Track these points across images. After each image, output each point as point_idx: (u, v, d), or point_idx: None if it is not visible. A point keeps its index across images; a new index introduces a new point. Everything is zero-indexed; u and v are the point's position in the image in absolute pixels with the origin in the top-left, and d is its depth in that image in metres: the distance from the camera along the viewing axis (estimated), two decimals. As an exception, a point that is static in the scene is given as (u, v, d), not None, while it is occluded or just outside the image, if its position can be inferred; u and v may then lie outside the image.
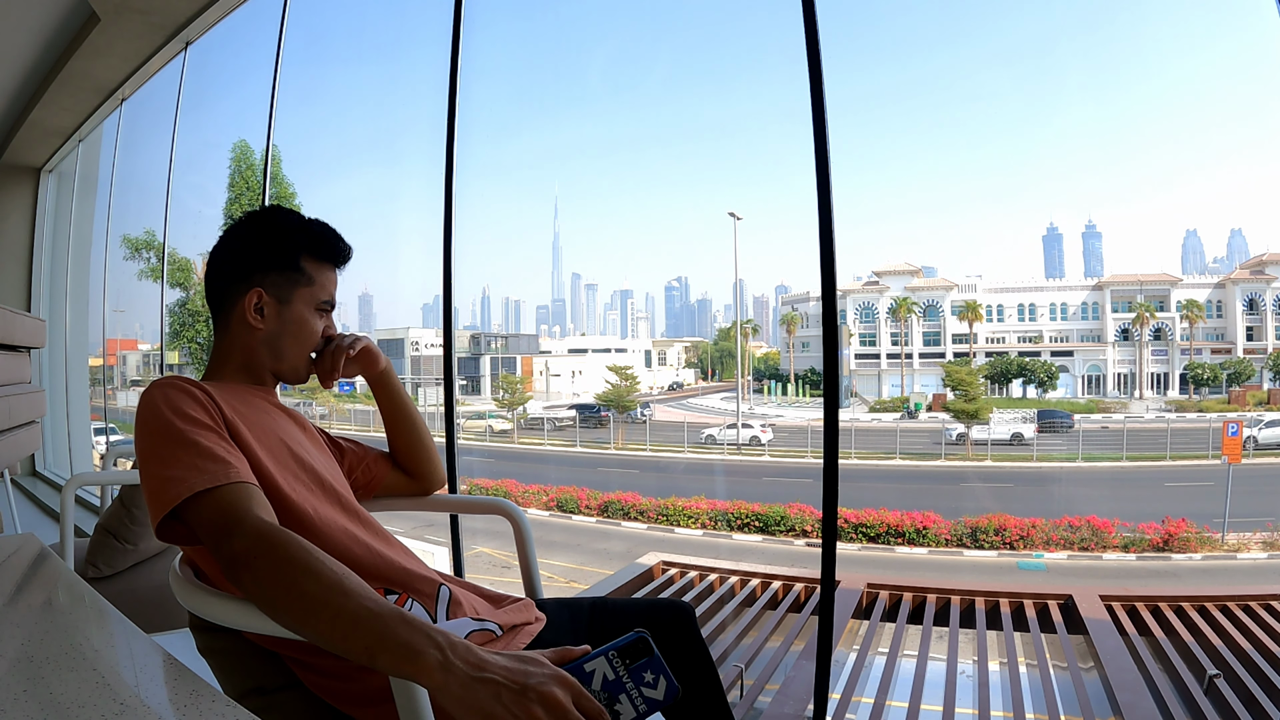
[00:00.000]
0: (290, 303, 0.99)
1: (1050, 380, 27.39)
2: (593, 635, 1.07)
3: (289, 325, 0.99)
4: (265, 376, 1.01)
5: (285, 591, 0.67)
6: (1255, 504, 14.43)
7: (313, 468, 0.96)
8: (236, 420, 0.88)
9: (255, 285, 0.97)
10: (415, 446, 1.22)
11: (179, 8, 3.60)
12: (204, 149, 18.81)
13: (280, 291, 0.99)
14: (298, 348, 1.01)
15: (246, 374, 1.00)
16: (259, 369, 1.00)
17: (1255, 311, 26.12)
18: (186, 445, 0.78)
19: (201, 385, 0.89)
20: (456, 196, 2.45)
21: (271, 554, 0.69)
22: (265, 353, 1.00)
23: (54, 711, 0.54)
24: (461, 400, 31.42)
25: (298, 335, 1.00)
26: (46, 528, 4.12)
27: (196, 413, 0.83)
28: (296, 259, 1.00)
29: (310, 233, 1.02)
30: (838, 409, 1.82)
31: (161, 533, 0.79)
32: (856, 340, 30.55)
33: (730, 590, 5.01)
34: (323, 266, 1.03)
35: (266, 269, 0.98)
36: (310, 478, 0.94)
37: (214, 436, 0.81)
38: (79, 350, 6.51)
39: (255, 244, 1.00)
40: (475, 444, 26.52)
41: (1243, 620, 3.90)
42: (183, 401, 0.83)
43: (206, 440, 0.80)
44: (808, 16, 1.80)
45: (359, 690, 0.84)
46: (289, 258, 0.99)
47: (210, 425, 0.83)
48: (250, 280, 0.98)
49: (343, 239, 1.05)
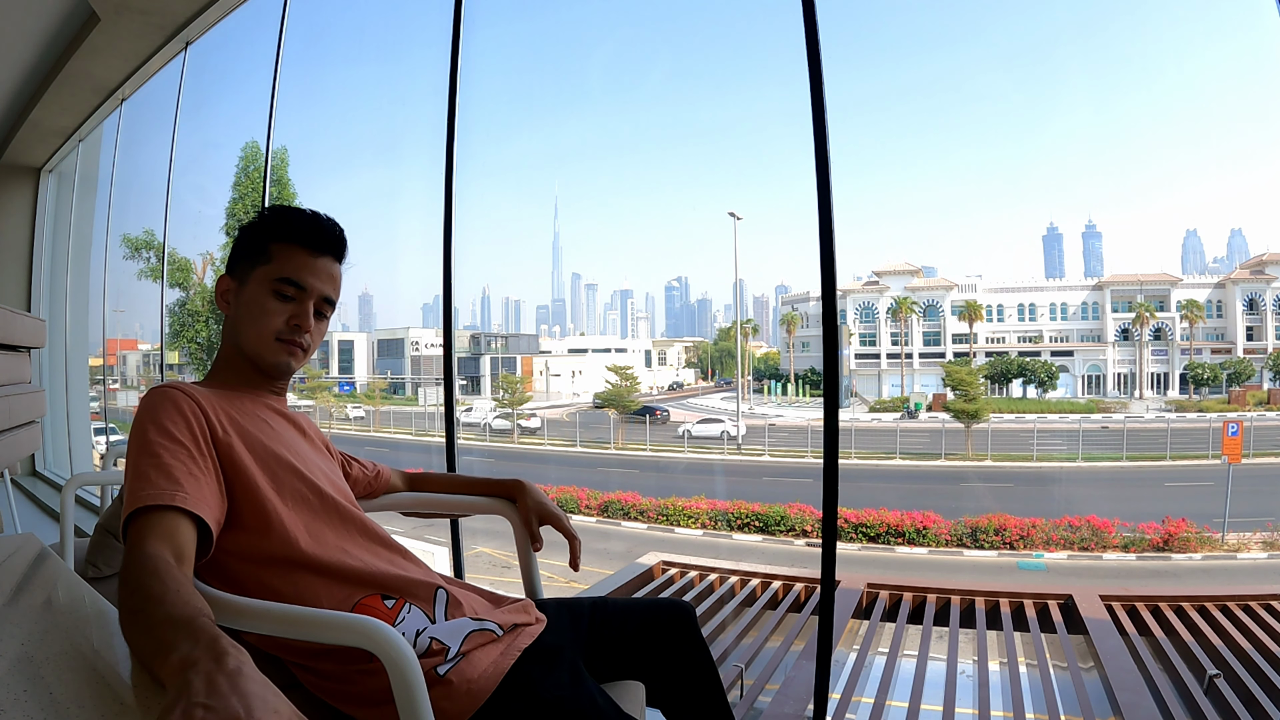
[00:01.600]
0: (247, 283, 0.97)
1: (1050, 380, 27.38)
2: (592, 636, 1.07)
3: (244, 306, 0.97)
4: (248, 372, 1.00)
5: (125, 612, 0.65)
6: (1255, 504, 14.43)
7: (312, 481, 0.95)
8: (230, 434, 0.88)
9: (226, 273, 1.00)
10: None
11: (179, 8, 3.60)
12: (204, 149, 18.83)
13: (243, 275, 0.98)
14: (253, 328, 0.97)
15: (233, 373, 1.00)
16: (238, 363, 1.00)
17: (1255, 311, 26.11)
18: (151, 459, 0.80)
19: (195, 395, 0.88)
20: (457, 196, 2.45)
21: (126, 579, 0.68)
22: (230, 340, 1.00)
23: (54, 711, 0.54)
24: (461, 400, 31.43)
25: (250, 313, 0.96)
26: (46, 528, 4.12)
27: (176, 427, 0.83)
28: (264, 243, 0.98)
29: (281, 216, 0.99)
30: (838, 409, 1.82)
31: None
32: (856, 340, 30.54)
33: (730, 590, 5.01)
34: (289, 248, 0.98)
35: (239, 258, 0.99)
36: (309, 490, 0.93)
37: (183, 454, 0.81)
38: (79, 350, 6.51)
39: (236, 244, 1.01)
40: (475, 444, 26.52)
41: (1243, 620, 3.90)
42: (167, 414, 0.84)
43: (170, 457, 0.80)
44: (808, 17, 1.80)
45: (358, 691, 0.84)
46: (259, 244, 0.98)
47: (183, 442, 0.83)
48: (230, 274, 1.00)
49: (323, 223, 1.00)
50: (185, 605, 0.63)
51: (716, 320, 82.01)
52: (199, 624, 0.60)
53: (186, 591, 0.66)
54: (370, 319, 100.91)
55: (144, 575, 0.67)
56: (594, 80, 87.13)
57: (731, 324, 43.61)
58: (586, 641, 1.05)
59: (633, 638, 1.08)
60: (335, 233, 1.01)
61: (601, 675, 1.04)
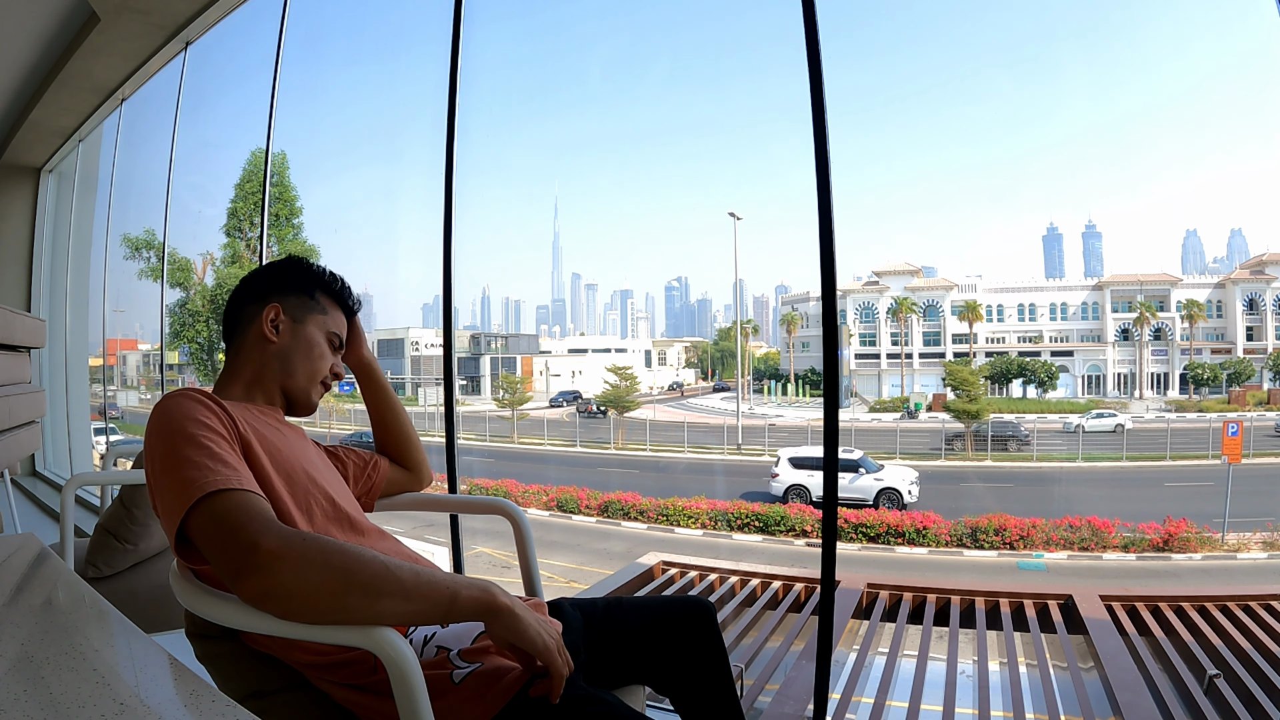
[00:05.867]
0: (304, 323, 1.04)
1: (1050, 380, 27.37)
2: (605, 636, 1.07)
3: (301, 342, 1.03)
4: (274, 394, 1.02)
5: (340, 582, 0.71)
6: (1255, 504, 14.42)
7: (325, 490, 0.96)
8: (251, 438, 0.89)
9: (273, 302, 1.02)
10: (403, 438, 1.26)
11: (179, 8, 3.60)
12: (204, 149, 18.87)
13: (296, 311, 1.04)
14: (307, 365, 1.03)
15: (256, 390, 1.01)
16: (268, 384, 1.01)
17: (1255, 311, 26.10)
18: (201, 449, 0.79)
19: (216, 398, 0.89)
20: (456, 196, 2.45)
21: (320, 550, 0.72)
22: (276, 366, 1.01)
23: (54, 711, 0.54)
24: (461, 400, 31.44)
25: (308, 354, 1.03)
26: (46, 528, 4.12)
27: (210, 420, 0.84)
28: (313, 291, 1.07)
29: (326, 277, 1.10)
30: (838, 409, 1.82)
31: (180, 547, 0.79)
32: (856, 340, 30.53)
33: (730, 590, 5.02)
34: (334, 306, 1.10)
35: (284, 292, 1.04)
36: (323, 498, 0.95)
37: (226, 444, 0.82)
38: (79, 350, 6.50)
39: (276, 275, 1.06)
40: (475, 444, 26.52)
41: (1243, 620, 3.90)
42: (197, 410, 0.84)
43: (218, 447, 0.80)
44: (808, 16, 1.80)
45: (366, 692, 0.85)
46: (306, 289, 1.06)
47: (224, 435, 0.83)
48: (267, 299, 1.02)
49: (353, 293, 1.13)
50: (405, 556, 0.84)
51: (716, 320, 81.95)
52: (439, 570, 0.81)
53: (369, 549, 0.77)
54: (370, 319, 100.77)
55: (341, 547, 0.74)
56: (594, 80, 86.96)
57: (731, 324, 43.60)
58: (598, 643, 1.05)
59: (648, 636, 1.09)
60: (356, 300, 1.14)
61: (604, 681, 1.05)
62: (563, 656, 0.83)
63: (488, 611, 0.79)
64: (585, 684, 0.92)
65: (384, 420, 1.26)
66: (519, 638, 0.80)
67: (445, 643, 0.89)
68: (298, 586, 0.70)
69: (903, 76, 59.21)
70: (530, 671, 0.86)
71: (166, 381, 22.49)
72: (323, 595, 0.71)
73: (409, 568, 0.76)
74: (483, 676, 0.86)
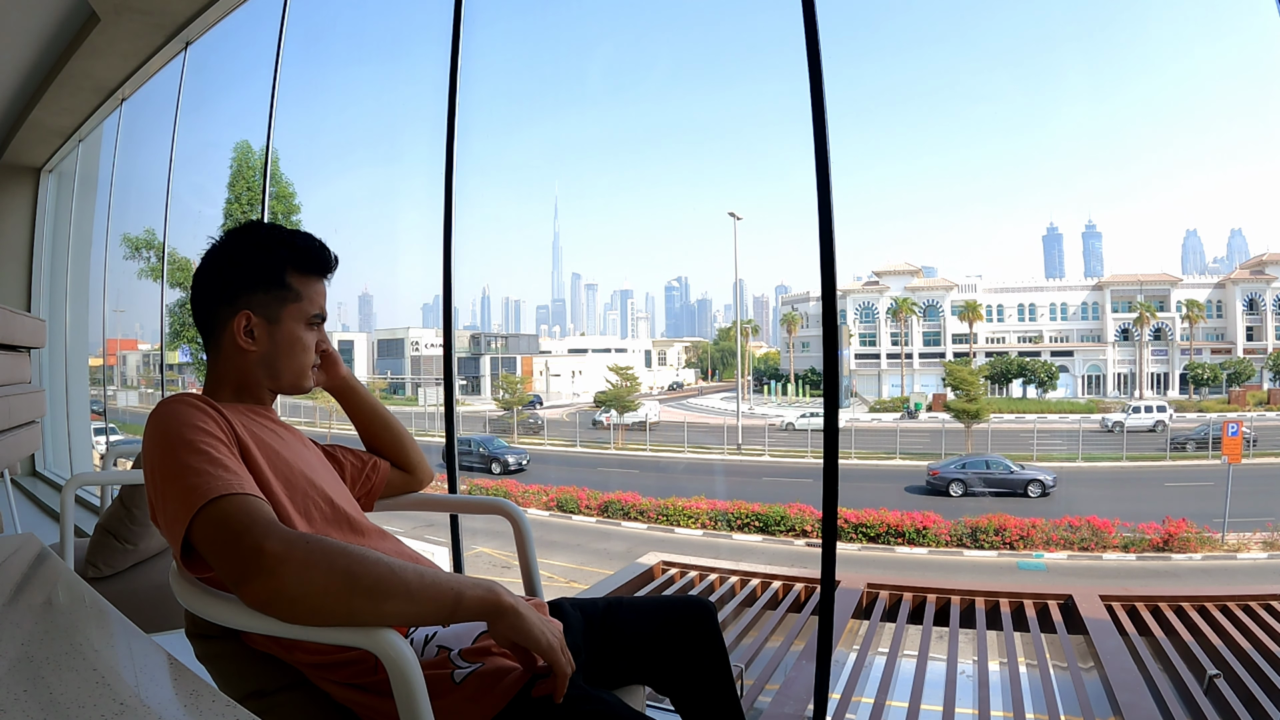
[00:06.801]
0: (280, 321, 0.97)
1: (1050, 380, 27.36)
2: (605, 636, 1.07)
3: (281, 345, 0.98)
4: (263, 395, 1.01)
5: (344, 584, 0.71)
6: (1255, 504, 14.42)
7: (324, 492, 0.96)
8: (248, 441, 0.89)
9: (242, 308, 0.95)
10: (397, 445, 1.23)
11: (179, 8, 3.60)
12: (204, 149, 18.81)
13: (269, 311, 0.97)
14: (291, 364, 0.99)
15: (246, 394, 0.99)
16: (256, 389, 0.99)
17: (1255, 311, 26.09)
18: (201, 455, 0.78)
19: (211, 402, 0.89)
20: (456, 196, 2.45)
21: (324, 552, 0.72)
22: (261, 373, 0.98)
23: (54, 711, 0.54)
24: (461, 400, 31.41)
25: (291, 353, 0.99)
26: (46, 528, 4.12)
27: (208, 425, 0.83)
28: (282, 275, 0.98)
29: (294, 247, 0.99)
30: (838, 409, 1.82)
31: (184, 556, 0.79)
32: (856, 340, 30.52)
33: (730, 590, 5.02)
34: (309, 279, 1.00)
35: (253, 289, 0.96)
36: (322, 500, 0.95)
37: (225, 449, 0.82)
38: (79, 350, 6.50)
39: (240, 264, 0.97)
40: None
41: (1243, 620, 3.90)
42: (195, 416, 0.84)
43: (218, 452, 0.80)
44: (808, 16, 1.80)
45: (365, 693, 0.84)
46: (274, 275, 0.97)
47: (222, 439, 0.83)
48: (236, 303, 0.95)
49: (328, 249, 1.02)
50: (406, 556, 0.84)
51: (716, 320, 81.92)
52: (442, 571, 0.80)
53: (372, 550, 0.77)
54: (370, 319, 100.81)
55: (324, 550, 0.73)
56: (594, 79, 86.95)
57: (731, 324, 43.58)
58: (598, 643, 1.05)
59: (648, 636, 1.08)
60: (332, 255, 1.03)
61: (604, 681, 1.05)
62: (566, 656, 0.83)
63: (493, 611, 0.79)
64: (585, 684, 0.92)
65: (373, 433, 1.22)
66: (523, 637, 0.80)
67: (446, 643, 0.89)
68: (302, 590, 0.70)
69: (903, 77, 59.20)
70: (531, 671, 0.86)
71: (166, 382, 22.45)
72: (328, 598, 0.70)
73: (413, 568, 0.76)
74: (484, 676, 0.85)
